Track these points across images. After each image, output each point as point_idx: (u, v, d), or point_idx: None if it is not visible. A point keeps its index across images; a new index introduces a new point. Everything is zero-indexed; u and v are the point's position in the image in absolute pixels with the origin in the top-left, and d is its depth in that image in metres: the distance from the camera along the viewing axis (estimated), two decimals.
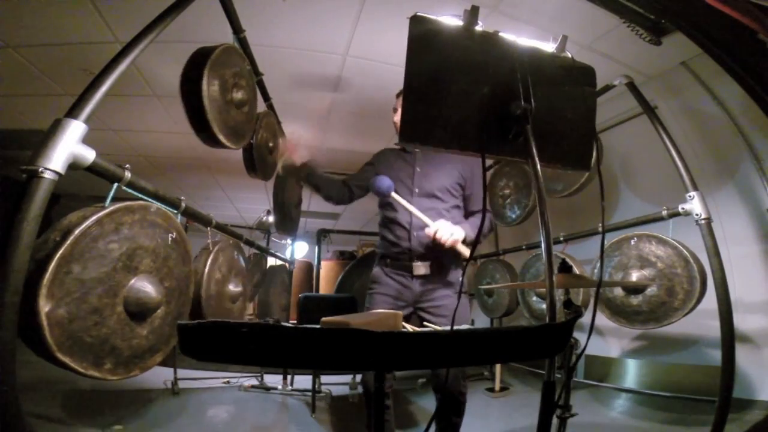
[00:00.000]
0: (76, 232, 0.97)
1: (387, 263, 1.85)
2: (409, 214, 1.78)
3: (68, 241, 0.95)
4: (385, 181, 1.74)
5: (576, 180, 2.73)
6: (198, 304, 1.58)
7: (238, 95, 1.68)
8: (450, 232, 1.65)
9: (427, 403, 3.03)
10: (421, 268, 1.78)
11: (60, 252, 0.94)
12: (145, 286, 1.15)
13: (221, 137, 1.55)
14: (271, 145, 2.32)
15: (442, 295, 1.79)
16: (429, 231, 1.67)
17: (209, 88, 1.45)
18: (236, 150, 1.82)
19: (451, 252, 1.72)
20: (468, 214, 1.91)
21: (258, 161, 2.10)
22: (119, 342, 1.10)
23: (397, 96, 1.88)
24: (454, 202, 1.86)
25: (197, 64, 1.45)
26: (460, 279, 1.74)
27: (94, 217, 1.02)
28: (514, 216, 3.24)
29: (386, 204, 1.89)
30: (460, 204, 1.90)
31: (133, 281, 1.13)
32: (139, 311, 1.14)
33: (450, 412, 1.77)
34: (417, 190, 1.84)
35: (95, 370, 1.03)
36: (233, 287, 1.83)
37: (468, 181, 1.89)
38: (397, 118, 1.81)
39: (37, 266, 0.92)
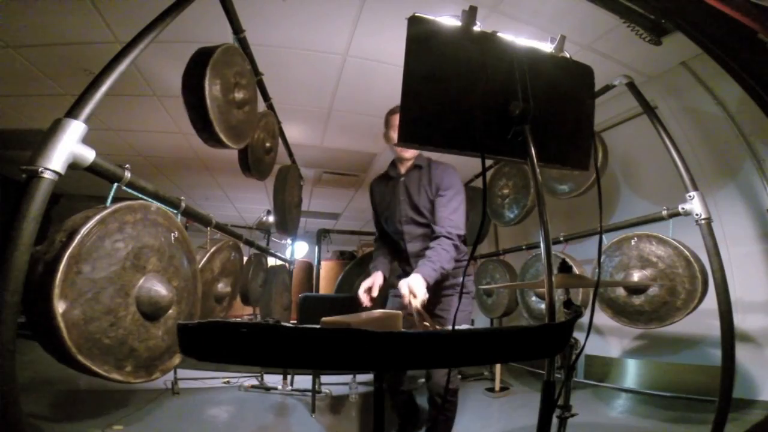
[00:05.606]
0: (82, 231, 0.98)
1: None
2: (401, 232, 1.89)
3: (75, 240, 0.95)
4: None
5: (584, 181, 2.70)
6: None
7: (240, 95, 1.68)
8: (410, 293, 1.49)
9: (427, 403, 3.03)
10: None
11: (69, 251, 0.94)
12: (156, 285, 1.15)
13: (223, 137, 1.54)
14: (268, 145, 2.31)
15: (445, 295, 1.84)
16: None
17: (211, 87, 1.45)
18: (234, 150, 1.81)
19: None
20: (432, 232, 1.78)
21: (252, 161, 2.10)
22: (137, 343, 1.09)
23: (390, 114, 1.86)
24: None
25: (199, 63, 1.45)
26: (460, 280, 1.76)
27: (98, 216, 1.02)
28: (512, 216, 3.24)
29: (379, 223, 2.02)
30: None
31: (142, 280, 1.13)
32: (152, 311, 1.14)
33: (433, 407, 1.85)
34: (404, 218, 1.88)
35: (117, 373, 1.03)
36: (222, 287, 1.83)
37: (437, 189, 1.82)
38: (393, 134, 1.78)
39: (47, 268, 0.92)
